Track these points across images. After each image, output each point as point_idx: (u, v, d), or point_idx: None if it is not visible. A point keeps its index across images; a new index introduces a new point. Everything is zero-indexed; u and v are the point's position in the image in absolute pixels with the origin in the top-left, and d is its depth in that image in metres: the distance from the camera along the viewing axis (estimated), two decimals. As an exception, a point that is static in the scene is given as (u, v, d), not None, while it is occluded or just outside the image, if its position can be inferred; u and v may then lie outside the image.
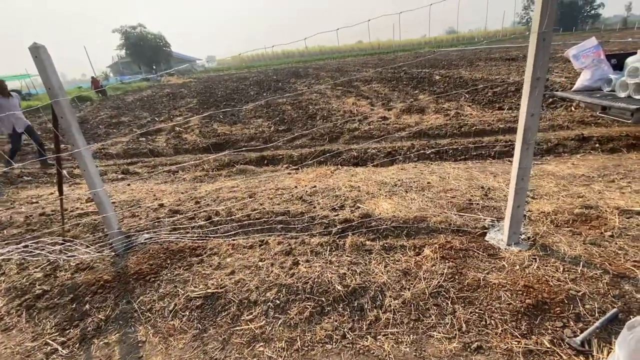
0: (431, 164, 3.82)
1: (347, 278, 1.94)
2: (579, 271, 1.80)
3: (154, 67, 50.97)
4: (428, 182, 3.21)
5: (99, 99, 17.78)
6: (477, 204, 2.66)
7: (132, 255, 2.42)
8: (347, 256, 2.16)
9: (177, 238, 2.60)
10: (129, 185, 4.37)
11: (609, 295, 1.64)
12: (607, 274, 1.77)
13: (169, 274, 2.17)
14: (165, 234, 2.69)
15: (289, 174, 3.97)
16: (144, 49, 49.30)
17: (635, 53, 4.10)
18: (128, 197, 3.78)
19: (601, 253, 1.94)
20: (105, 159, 6.32)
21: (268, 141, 5.71)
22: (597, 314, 1.55)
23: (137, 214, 3.22)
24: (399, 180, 3.35)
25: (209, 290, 1.96)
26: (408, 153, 4.40)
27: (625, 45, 16.52)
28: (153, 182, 4.36)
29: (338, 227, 2.55)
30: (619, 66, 4.24)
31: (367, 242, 2.29)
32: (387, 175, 3.59)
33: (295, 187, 3.49)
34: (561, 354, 1.41)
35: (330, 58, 40.50)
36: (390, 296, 1.79)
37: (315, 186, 3.42)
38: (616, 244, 2.02)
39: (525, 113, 1.86)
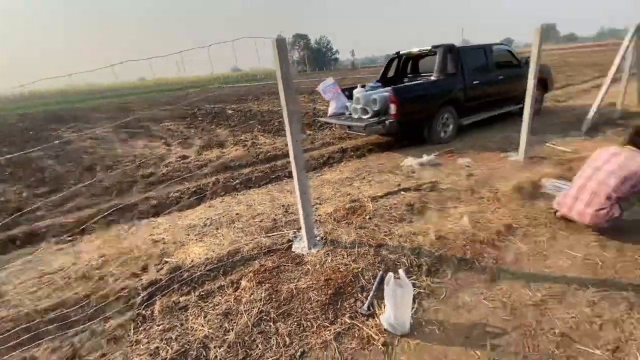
0: (237, 194, 3.94)
1: (161, 351, 1.66)
2: (356, 252, 2.33)
3: None
4: (237, 213, 3.28)
5: None
6: (281, 221, 2.95)
7: None
8: (158, 325, 1.85)
9: None
10: None
11: (376, 263, 2.20)
12: (372, 247, 2.37)
13: None
14: None
15: (61, 249, 3.01)
16: None
17: (356, 87, 5.85)
18: None
19: (366, 233, 2.59)
20: None
21: (18, 212, 4.14)
22: (372, 281, 2.04)
23: None
24: (208, 219, 3.24)
25: None
26: (214, 188, 4.35)
27: (355, 81, 23.34)
28: None
29: (143, 294, 2.15)
30: (350, 96, 5.90)
31: (181, 299, 2.06)
32: (195, 216, 3.40)
33: (74, 263, 2.69)
34: (359, 324, 1.75)
35: (107, 97, 34.69)
36: (214, 347, 1.67)
37: (104, 255, 2.77)
38: (373, 222, 2.75)
39: (291, 141, 2.23)
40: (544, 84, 6.38)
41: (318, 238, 2.57)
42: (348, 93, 5.94)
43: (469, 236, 2.45)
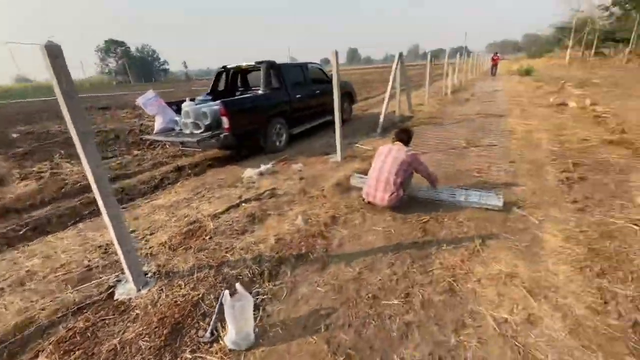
0: (28, 245, 2.95)
1: None
2: (195, 277, 2.17)
3: None
4: (28, 271, 2.46)
5: None
6: (97, 266, 2.42)
7: None
8: None
9: None
10: None
11: (217, 284, 2.12)
12: (213, 268, 2.27)
13: None
14: None
15: None
16: None
17: (185, 100, 5.49)
18: None
19: (206, 255, 2.46)
20: None
21: None
22: (214, 304, 1.95)
23: None
24: (-27, 290, 2.28)
25: None
26: (-14, 244, 3.11)
27: (188, 93, 21.90)
28: None
29: None
30: (179, 110, 5.47)
31: None
32: (-53, 292, 2.32)
33: None
34: (202, 355, 1.64)
35: None
36: None
37: None
38: (214, 241, 2.65)
39: (89, 167, 1.85)
40: (350, 97, 7.86)
41: (149, 275, 2.24)
42: (176, 107, 5.51)
43: (303, 233, 2.71)
